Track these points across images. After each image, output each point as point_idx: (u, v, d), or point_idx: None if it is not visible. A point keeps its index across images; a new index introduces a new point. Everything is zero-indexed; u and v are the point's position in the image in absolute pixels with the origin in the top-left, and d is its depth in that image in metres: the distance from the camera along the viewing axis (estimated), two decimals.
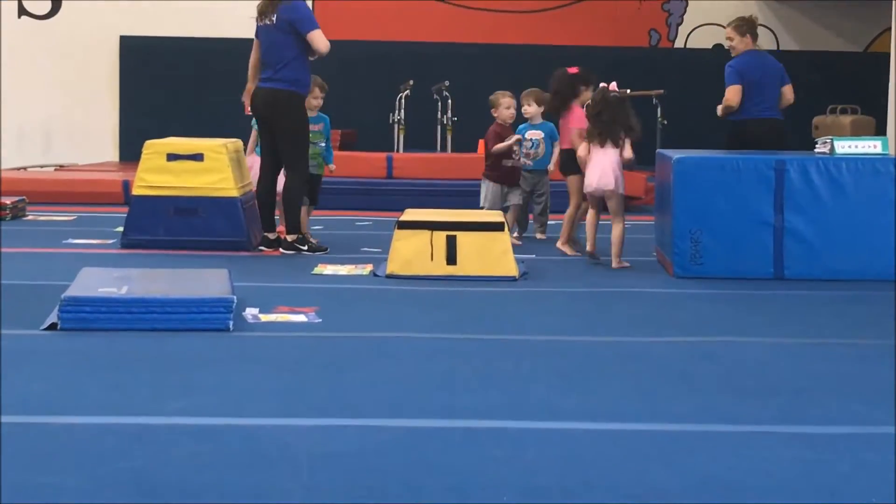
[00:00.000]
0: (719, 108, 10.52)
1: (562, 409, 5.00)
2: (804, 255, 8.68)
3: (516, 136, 10.50)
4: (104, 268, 7.73)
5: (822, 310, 7.67)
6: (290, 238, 9.77)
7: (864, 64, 18.72)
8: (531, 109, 10.96)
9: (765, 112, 10.40)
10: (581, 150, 9.49)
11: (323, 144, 10.27)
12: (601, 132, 9.33)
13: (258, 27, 9.85)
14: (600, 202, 9.45)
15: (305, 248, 9.72)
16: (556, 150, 10.71)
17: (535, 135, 10.90)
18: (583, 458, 4.31)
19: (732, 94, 10.35)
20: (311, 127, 9.99)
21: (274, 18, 9.69)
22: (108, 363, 5.73)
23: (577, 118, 10.05)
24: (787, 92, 10.51)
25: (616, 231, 9.26)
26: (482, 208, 10.28)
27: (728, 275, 8.65)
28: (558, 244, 10.03)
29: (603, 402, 5.16)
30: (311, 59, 9.79)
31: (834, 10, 19.30)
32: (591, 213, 9.46)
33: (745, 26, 10.64)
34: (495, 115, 10.59)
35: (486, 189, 10.49)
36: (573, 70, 10.39)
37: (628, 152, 9.36)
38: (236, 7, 17.72)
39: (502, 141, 10.42)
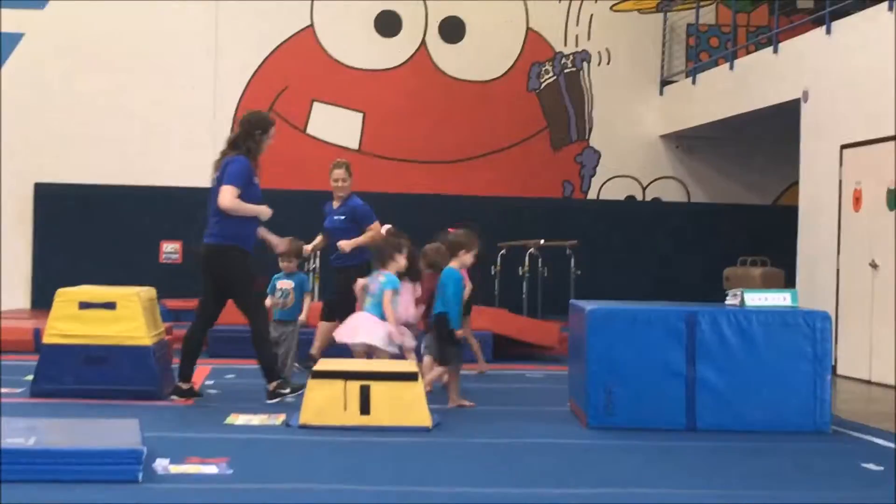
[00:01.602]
0: (347, 245, 11.54)
1: None
2: (716, 406, 8.74)
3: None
4: (11, 417, 7.60)
5: (734, 461, 7.70)
6: (271, 387, 9.67)
7: (773, 217, 19.07)
8: (290, 265, 11.07)
9: None
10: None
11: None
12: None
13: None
14: None
15: (288, 391, 9.61)
16: (307, 301, 11.05)
17: (285, 285, 10.98)
18: None
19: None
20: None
21: (218, 173, 9.76)
22: None
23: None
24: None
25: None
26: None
27: (641, 425, 8.68)
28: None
29: None
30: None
31: (743, 164, 19.71)
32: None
33: (350, 168, 11.92)
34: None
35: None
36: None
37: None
38: (151, 155, 17.80)
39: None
